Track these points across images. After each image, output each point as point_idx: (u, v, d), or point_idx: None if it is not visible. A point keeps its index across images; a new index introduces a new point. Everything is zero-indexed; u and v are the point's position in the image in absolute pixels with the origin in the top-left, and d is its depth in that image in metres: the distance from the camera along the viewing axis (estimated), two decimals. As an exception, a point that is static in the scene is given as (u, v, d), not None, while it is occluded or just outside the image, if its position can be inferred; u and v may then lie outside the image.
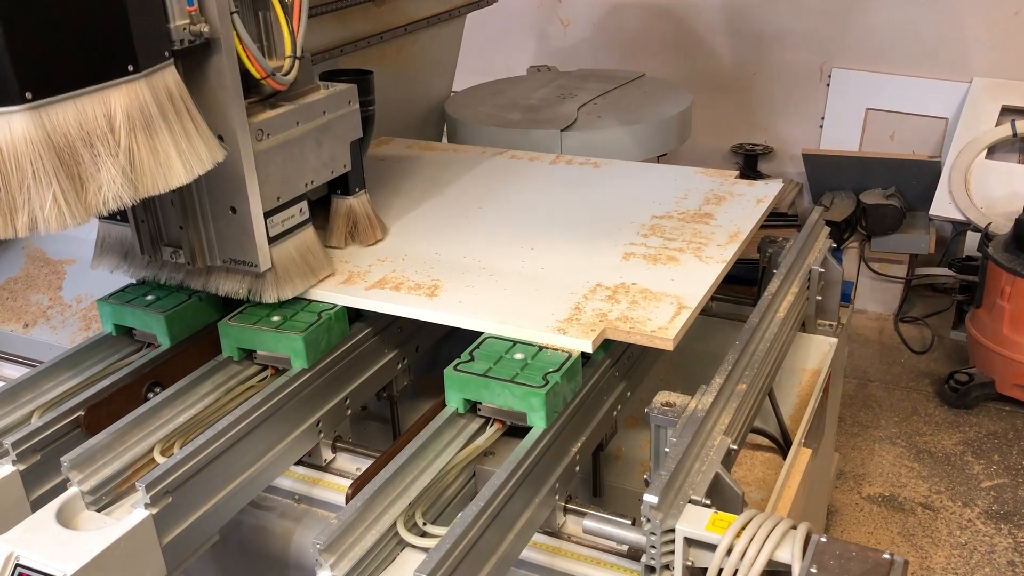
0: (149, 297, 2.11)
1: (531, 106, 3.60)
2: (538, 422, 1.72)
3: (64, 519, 1.60)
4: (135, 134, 1.63)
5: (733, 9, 5.17)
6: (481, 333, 1.92)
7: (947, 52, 4.72)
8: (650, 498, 1.50)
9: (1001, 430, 3.87)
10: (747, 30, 5.17)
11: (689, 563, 1.53)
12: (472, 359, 1.81)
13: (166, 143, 1.68)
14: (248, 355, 2.03)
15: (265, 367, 2.03)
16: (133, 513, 1.59)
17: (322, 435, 2.03)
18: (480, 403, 1.79)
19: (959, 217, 4.46)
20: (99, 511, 1.66)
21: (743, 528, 1.47)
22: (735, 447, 1.77)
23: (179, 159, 1.70)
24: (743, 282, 2.69)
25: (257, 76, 1.90)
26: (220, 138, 1.84)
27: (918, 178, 4.68)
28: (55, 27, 1.52)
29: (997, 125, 4.51)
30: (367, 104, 2.31)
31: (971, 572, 3.13)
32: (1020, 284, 3.76)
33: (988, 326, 3.94)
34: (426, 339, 2.36)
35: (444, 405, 1.81)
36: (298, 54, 2.02)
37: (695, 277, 2.07)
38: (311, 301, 2.08)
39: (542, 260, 2.20)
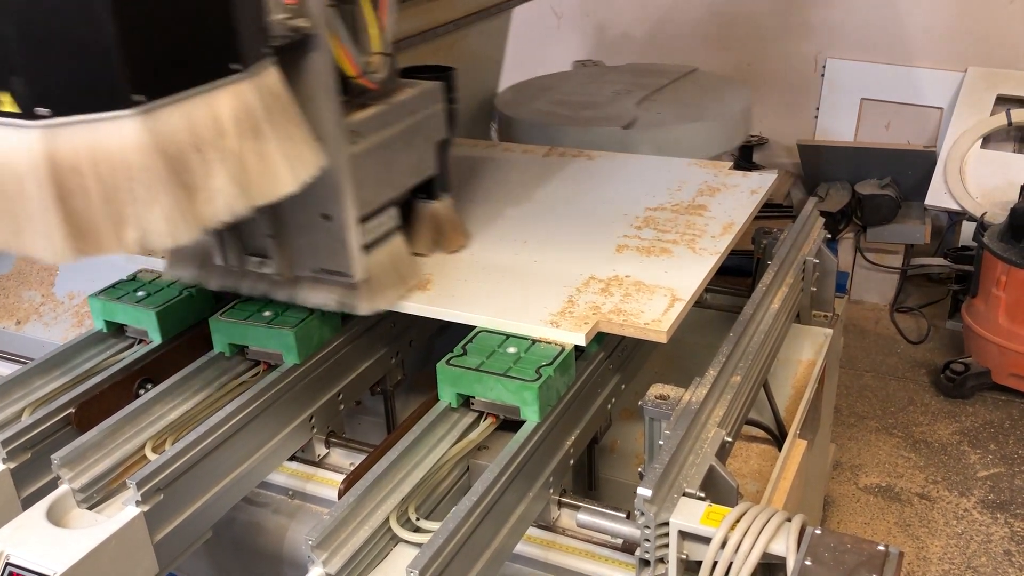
0: (140, 293, 2.10)
1: (585, 103, 3.47)
2: (531, 416, 1.71)
3: (55, 517, 1.59)
4: (243, 138, 1.51)
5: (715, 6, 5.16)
6: (474, 327, 1.91)
7: (942, 41, 4.71)
8: (644, 491, 1.50)
9: (997, 419, 3.87)
10: (741, 20, 5.15)
11: (683, 556, 1.52)
12: (465, 353, 1.80)
13: (273, 147, 1.56)
14: (240, 351, 2.02)
15: (257, 363, 2.02)
16: (124, 511, 1.58)
17: (315, 430, 2.02)
18: (473, 397, 1.78)
19: (954, 207, 4.46)
20: (90, 509, 1.65)
21: (737, 521, 1.46)
22: (730, 439, 1.76)
23: (286, 164, 1.59)
24: (737, 274, 2.68)
25: (351, 74, 1.78)
26: (314, 141, 1.73)
27: (913, 168, 4.67)
28: (163, 22, 1.41)
29: (992, 114, 4.50)
30: (450, 102, 2.19)
31: (967, 561, 3.13)
32: (1016, 273, 3.75)
33: (984, 316, 3.94)
34: (419, 333, 2.35)
35: (437, 399, 1.80)
36: (388, 50, 1.88)
37: (689, 269, 2.06)
38: (303, 296, 2.06)
39: (535, 253, 2.19)
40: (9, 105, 1.37)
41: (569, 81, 3.89)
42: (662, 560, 1.54)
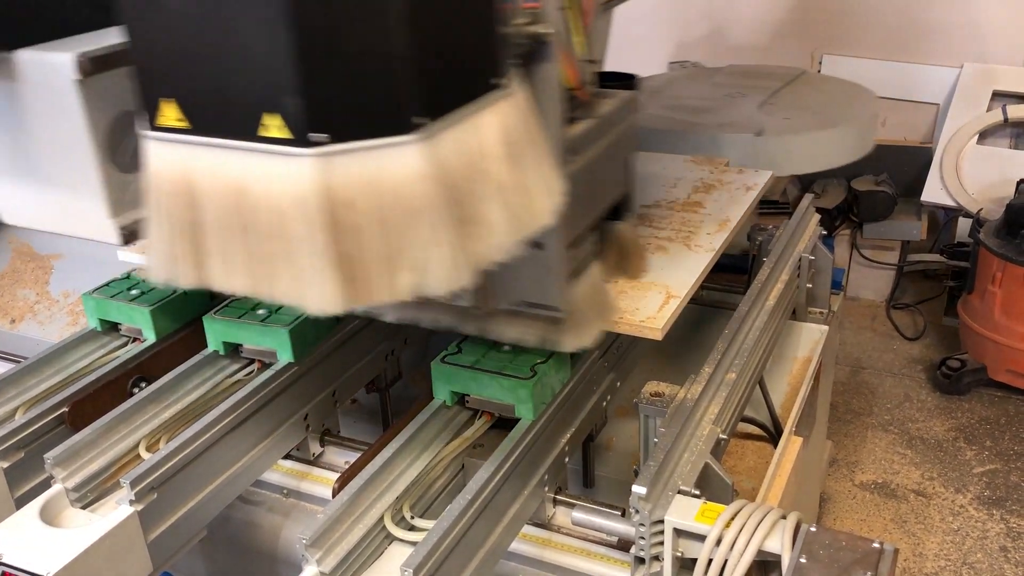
0: (134, 291, 2.10)
1: (700, 107, 3.28)
2: (526, 414, 1.71)
3: (48, 517, 1.58)
4: (507, 164, 1.35)
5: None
6: (469, 324, 1.90)
7: (938, 38, 4.71)
8: (639, 489, 1.49)
9: (993, 416, 3.87)
10: (737, 16, 5.15)
11: (679, 554, 1.52)
12: (460, 351, 1.80)
13: (531, 174, 1.40)
14: (234, 349, 2.01)
15: (251, 361, 2.01)
16: (118, 510, 1.58)
17: (310, 429, 2.02)
18: (468, 395, 1.77)
19: (950, 203, 4.45)
20: (84, 508, 1.64)
21: (732, 518, 1.46)
22: (725, 437, 1.76)
23: (543, 192, 1.42)
24: (733, 270, 2.67)
25: (571, 85, 1.62)
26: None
27: (909, 164, 4.67)
28: (444, 34, 1.27)
29: (988, 110, 4.50)
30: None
31: (963, 558, 3.13)
32: (1011, 270, 3.75)
33: (980, 312, 3.94)
34: (415, 331, 2.34)
35: (432, 398, 1.79)
36: (595, 56, 1.71)
37: (684, 266, 2.06)
38: (297, 294, 2.06)
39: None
40: (277, 130, 1.22)
41: (674, 84, 3.69)
42: (657, 558, 1.53)
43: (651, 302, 1.91)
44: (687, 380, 1.80)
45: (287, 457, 2.04)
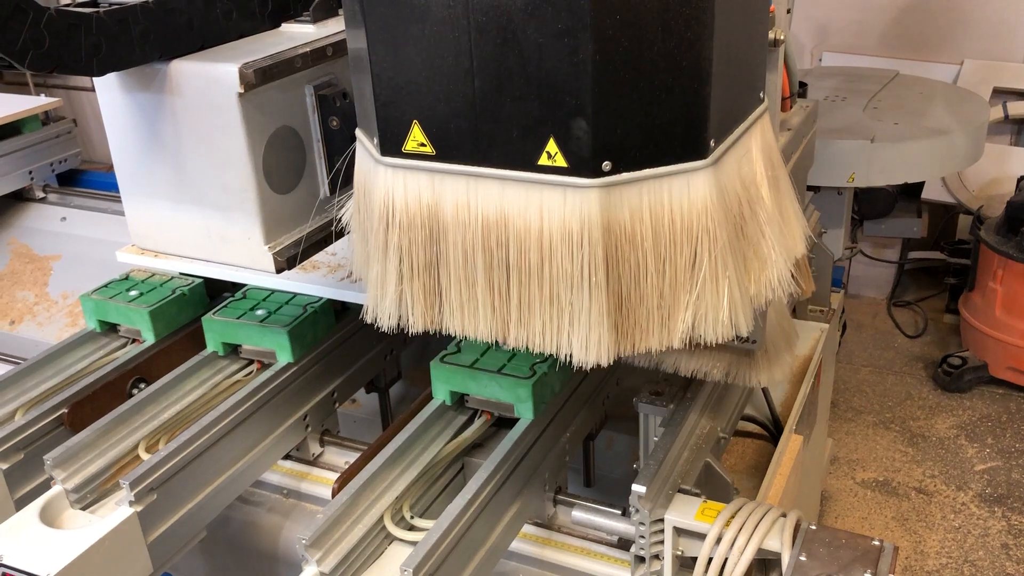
0: (133, 292, 2.10)
1: None
2: (526, 413, 1.71)
3: (48, 518, 1.58)
4: (770, 187, 1.24)
5: None
6: (468, 324, 1.89)
7: (938, 34, 4.70)
8: (639, 488, 1.49)
9: (994, 413, 3.86)
10: (737, 15, 5.15)
11: (679, 553, 1.52)
12: (459, 350, 1.80)
13: (784, 196, 1.28)
14: (233, 350, 2.01)
15: (251, 361, 2.01)
16: (118, 511, 1.57)
17: (309, 429, 2.02)
18: (467, 395, 1.77)
19: (951, 200, 4.45)
20: (83, 509, 1.64)
21: (732, 517, 1.46)
22: (725, 435, 1.76)
23: (797, 218, 1.29)
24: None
25: (786, 94, 1.53)
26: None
27: (910, 161, 4.66)
28: (732, 49, 1.17)
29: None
30: None
31: (965, 555, 3.13)
32: (1012, 267, 3.75)
33: (981, 309, 3.94)
34: (414, 331, 2.34)
35: (431, 397, 1.79)
36: (792, 63, 1.57)
37: (684, 264, 2.05)
38: (296, 294, 2.06)
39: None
40: (556, 158, 1.11)
41: None
42: (657, 557, 1.53)
43: (650, 301, 1.90)
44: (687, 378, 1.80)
45: (287, 457, 2.04)
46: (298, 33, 1.67)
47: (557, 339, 1.18)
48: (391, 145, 1.21)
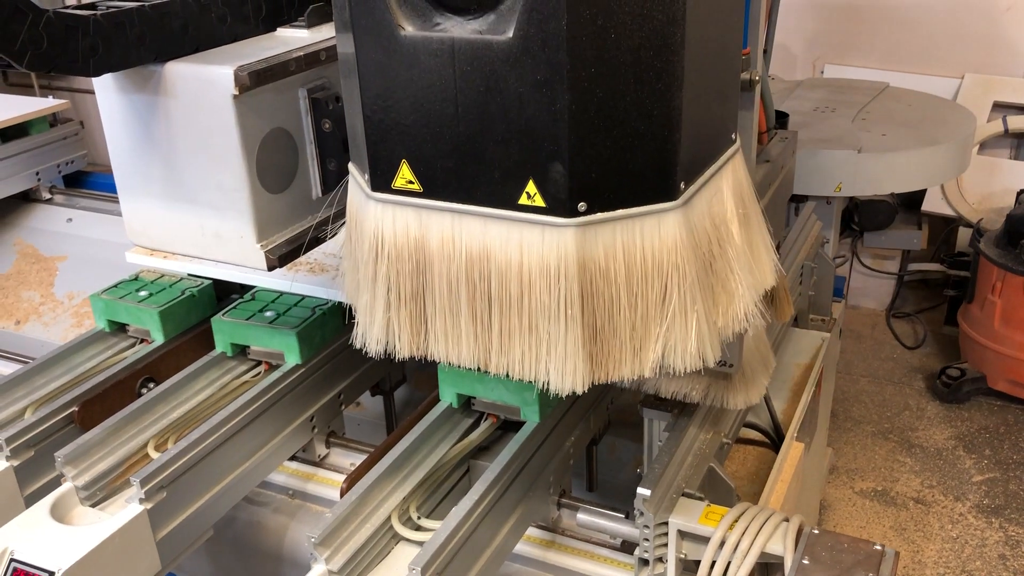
0: (142, 292, 2.11)
1: (794, 122, 3.11)
2: (532, 416, 1.73)
3: (58, 514, 1.60)
4: (740, 224, 1.29)
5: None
6: (475, 328, 1.92)
7: (939, 48, 4.73)
8: (643, 491, 1.51)
9: (992, 425, 3.88)
10: (740, 26, 5.17)
11: (682, 556, 1.53)
12: (466, 354, 1.81)
13: (755, 232, 1.34)
14: (242, 351, 2.03)
15: (259, 363, 2.03)
16: (127, 508, 1.59)
17: (316, 430, 2.03)
18: (474, 398, 1.79)
19: (951, 213, 4.48)
20: (93, 506, 1.66)
21: (736, 521, 1.47)
22: (728, 441, 1.77)
23: (766, 252, 1.35)
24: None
25: (762, 129, 1.57)
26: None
27: (910, 174, 4.68)
28: (703, 93, 1.23)
29: (989, 121, 4.52)
30: None
31: (962, 566, 3.15)
32: (1011, 279, 3.77)
33: (980, 321, 3.96)
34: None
35: (438, 400, 1.81)
36: (768, 97, 1.62)
37: (688, 272, 2.07)
38: (304, 297, 2.08)
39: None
40: (535, 198, 1.18)
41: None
42: (661, 559, 1.55)
43: (655, 307, 1.92)
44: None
45: (293, 458, 2.05)
46: (292, 38, 1.71)
47: (535, 367, 1.25)
48: (381, 181, 1.28)
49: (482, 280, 1.23)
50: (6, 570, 1.49)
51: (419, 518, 1.59)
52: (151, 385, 1.97)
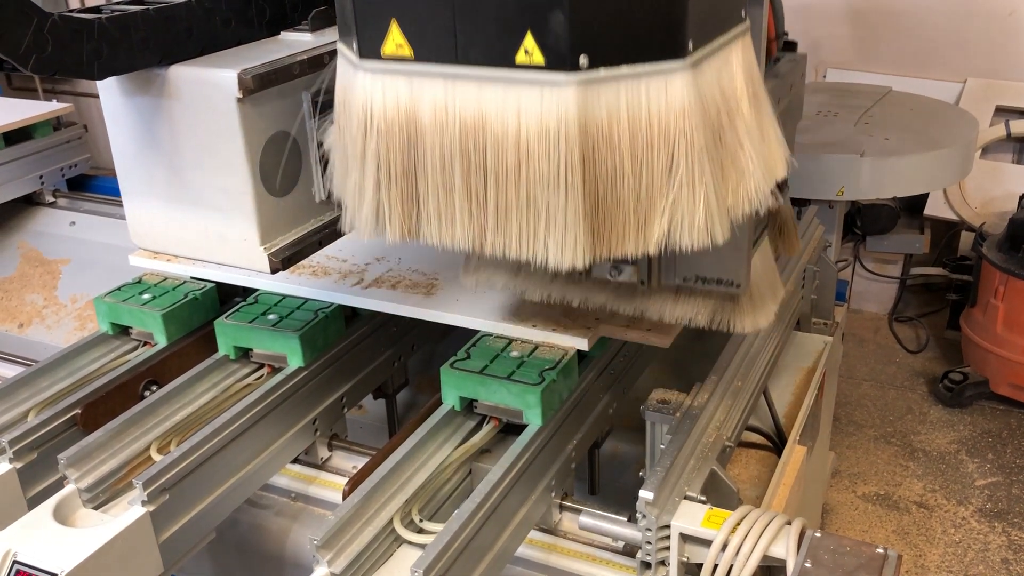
0: (145, 295, 2.12)
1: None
2: (534, 419, 1.73)
3: (61, 516, 1.60)
4: (751, 104, 1.22)
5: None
6: (477, 331, 1.92)
7: (941, 52, 4.74)
8: (646, 494, 1.51)
9: (995, 429, 3.88)
10: (742, 31, 5.18)
11: (684, 559, 1.53)
12: (468, 357, 1.82)
13: (766, 118, 1.26)
14: (244, 353, 2.03)
15: (261, 365, 2.03)
16: (130, 510, 1.59)
17: (318, 433, 2.03)
18: (476, 401, 1.79)
19: (953, 217, 4.47)
20: (96, 508, 1.66)
21: (738, 524, 1.47)
22: (730, 444, 1.78)
23: (776, 142, 1.27)
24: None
25: (770, 36, 1.51)
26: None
27: (913, 178, 4.68)
28: None
29: (991, 125, 4.52)
30: None
31: (965, 570, 3.14)
32: (1014, 284, 3.77)
33: (982, 325, 3.96)
34: (422, 337, 2.36)
35: (440, 403, 1.81)
36: (782, 9, 1.58)
37: (690, 275, 2.07)
38: (307, 299, 2.08)
39: (538, 259, 2.20)
40: (533, 55, 1.10)
41: None
42: (663, 563, 1.55)
43: (658, 310, 1.92)
44: (693, 388, 1.82)
45: (295, 461, 2.05)
46: (296, 41, 1.71)
47: (533, 244, 1.18)
48: (370, 47, 1.21)
49: (477, 151, 1.17)
50: (9, 572, 1.50)
51: (421, 521, 1.59)
52: (154, 388, 1.98)
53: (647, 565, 1.56)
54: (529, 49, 1.10)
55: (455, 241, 1.24)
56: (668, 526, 1.52)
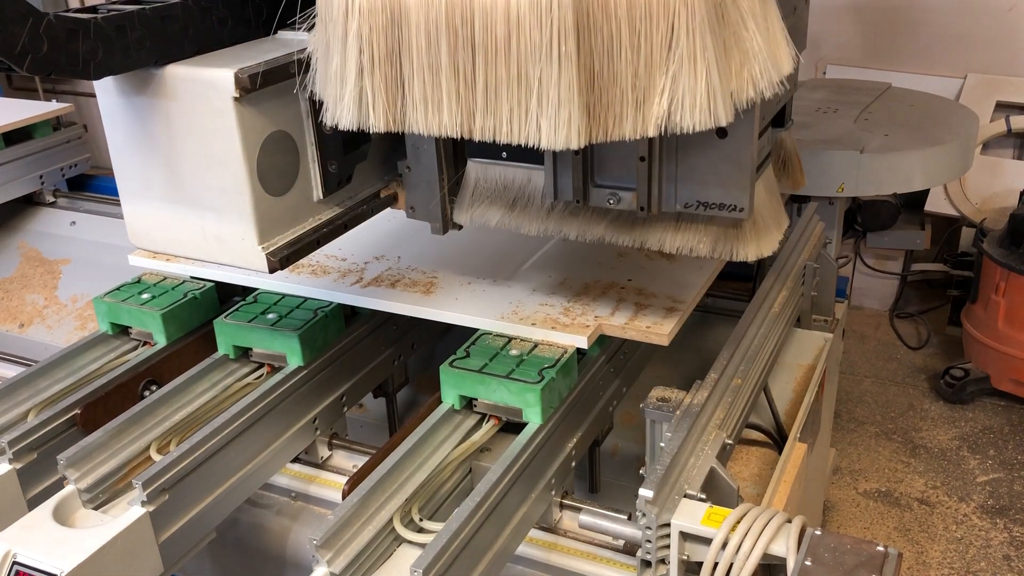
0: (145, 295, 2.12)
1: (796, 122, 3.17)
2: (534, 418, 1.73)
3: (61, 517, 1.60)
4: None
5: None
6: (477, 330, 1.92)
7: (941, 48, 4.73)
8: (646, 492, 1.51)
9: (996, 425, 3.87)
10: (742, 27, 5.17)
11: (684, 557, 1.53)
12: (468, 355, 1.82)
13: (772, 11, 1.21)
14: (244, 353, 2.03)
15: (261, 365, 2.03)
16: (130, 511, 1.59)
17: (318, 432, 2.03)
18: (476, 399, 1.79)
19: (954, 213, 4.47)
20: (96, 509, 1.66)
21: (738, 522, 1.47)
22: (730, 442, 1.77)
23: (783, 37, 1.22)
24: (738, 278, 2.69)
25: None
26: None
27: (913, 174, 4.68)
28: None
29: (991, 121, 4.51)
30: None
31: (967, 566, 3.14)
32: (1015, 279, 3.76)
33: (983, 321, 3.95)
34: (422, 336, 2.36)
35: (440, 402, 1.81)
36: None
37: (690, 274, 2.07)
38: (306, 299, 2.08)
39: (538, 257, 2.20)
40: None
41: None
42: (663, 561, 1.55)
43: (658, 308, 1.92)
44: (693, 386, 1.82)
45: (295, 460, 2.05)
46: (293, 40, 1.71)
47: (525, 124, 1.14)
48: None
49: (464, 25, 1.11)
50: (9, 572, 1.50)
51: (421, 520, 1.59)
52: (153, 388, 1.98)
53: (647, 563, 1.56)
54: None
55: (442, 127, 1.18)
56: (668, 524, 1.52)
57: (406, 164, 1.77)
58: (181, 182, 1.64)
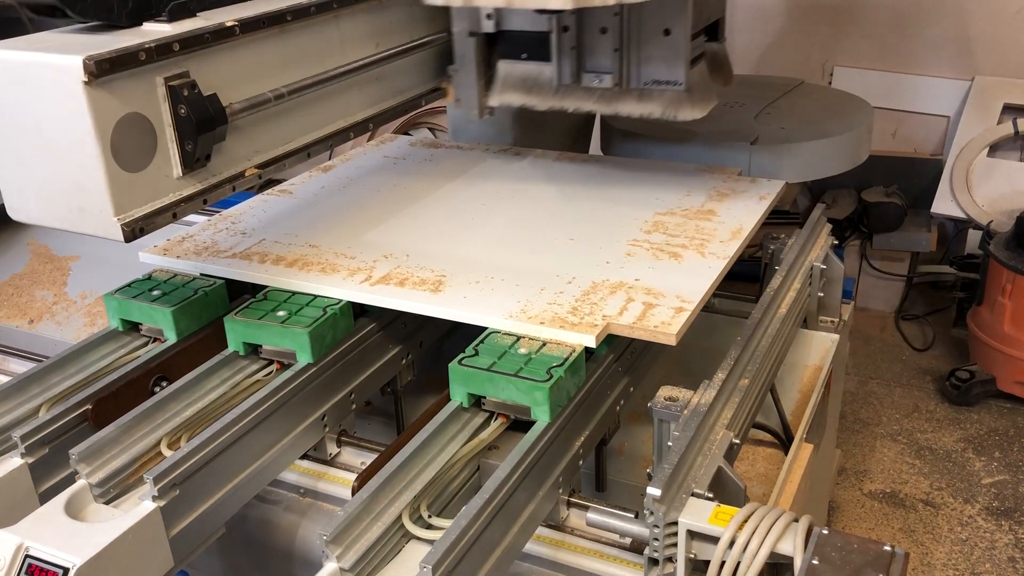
0: (155, 292, 2.13)
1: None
2: (542, 416, 1.74)
3: (73, 511, 1.61)
4: None
5: (733, 6, 5.17)
6: (485, 328, 1.93)
7: (949, 50, 4.73)
8: (653, 491, 1.52)
9: (1002, 427, 3.88)
10: (748, 28, 5.18)
11: (692, 556, 1.54)
12: (476, 354, 1.83)
13: None
14: (254, 350, 2.04)
15: (271, 361, 2.04)
16: (141, 505, 1.61)
17: (327, 429, 2.05)
18: (484, 397, 1.80)
19: (960, 215, 4.47)
20: (107, 503, 1.67)
21: (745, 521, 1.48)
22: (737, 441, 1.78)
23: None
24: (745, 279, 2.70)
25: None
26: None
27: (920, 176, 4.68)
28: None
29: (999, 123, 4.52)
30: None
31: (972, 568, 3.14)
32: (1021, 281, 3.77)
33: (989, 323, 3.96)
34: (430, 334, 2.37)
35: (448, 399, 1.82)
36: None
37: (698, 273, 2.08)
38: (316, 296, 2.09)
39: (546, 256, 2.21)
40: None
41: None
42: (670, 559, 1.56)
43: (665, 308, 1.93)
44: (700, 385, 1.83)
45: (304, 457, 2.07)
46: (152, 31, 1.84)
47: None
48: None
49: None
50: (21, 565, 1.51)
51: (430, 516, 1.60)
52: (164, 384, 1.99)
53: (654, 561, 1.57)
54: None
55: None
56: (675, 523, 1.53)
57: (454, 67, 2.55)
58: (46, 160, 1.76)
